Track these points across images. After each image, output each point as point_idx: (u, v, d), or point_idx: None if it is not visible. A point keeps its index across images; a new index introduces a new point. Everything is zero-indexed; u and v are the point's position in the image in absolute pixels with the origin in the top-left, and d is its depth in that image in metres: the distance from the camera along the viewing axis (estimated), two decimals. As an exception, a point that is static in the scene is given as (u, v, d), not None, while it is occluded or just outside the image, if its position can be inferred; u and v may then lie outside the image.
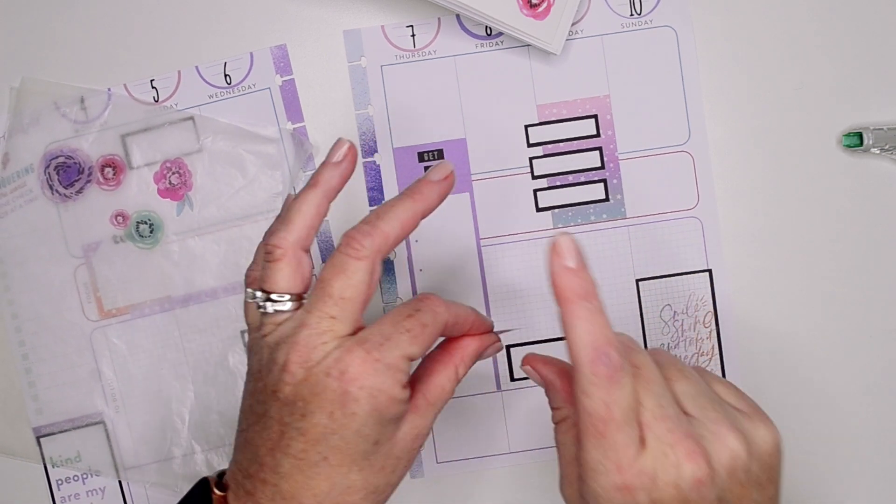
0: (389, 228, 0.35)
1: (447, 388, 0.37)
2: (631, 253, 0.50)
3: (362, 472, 0.34)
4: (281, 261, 0.35)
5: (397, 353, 0.34)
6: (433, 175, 0.37)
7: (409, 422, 0.35)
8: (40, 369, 0.49)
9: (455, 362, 0.37)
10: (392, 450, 0.35)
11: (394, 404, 0.34)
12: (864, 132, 0.48)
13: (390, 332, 0.34)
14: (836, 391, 0.50)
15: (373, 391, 0.33)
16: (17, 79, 0.49)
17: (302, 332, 0.34)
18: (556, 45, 0.47)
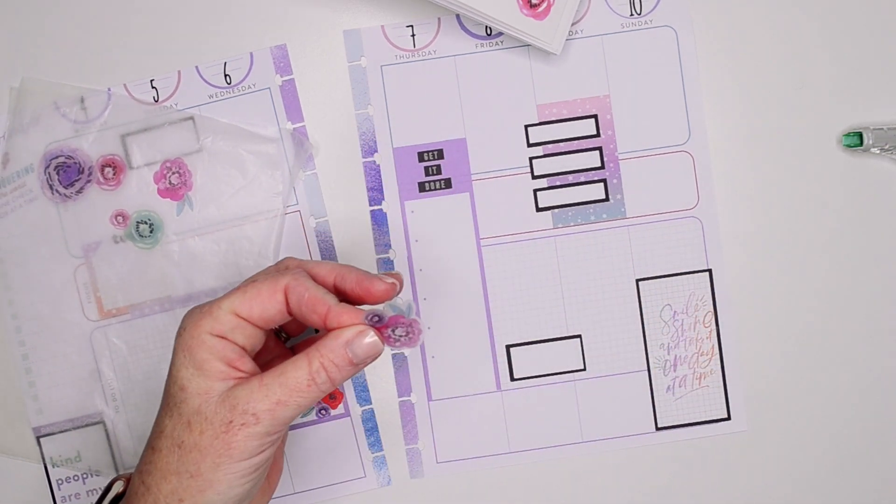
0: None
1: (289, 374, 0.36)
2: (631, 253, 0.50)
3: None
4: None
5: (215, 302, 0.37)
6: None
7: (229, 389, 0.36)
8: (40, 369, 0.49)
9: (309, 351, 0.36)
10: (202, 407, 0.36)
11: (196, 345, 0.37)
12: (864, 132, 0.48)
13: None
14: (836, 391, 0.50)
15: (181, 329, 0.38)
16: (17, 79, 0.49)
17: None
18: (556, 45, 0.47)
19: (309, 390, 0.36)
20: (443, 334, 0.50)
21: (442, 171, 0.50)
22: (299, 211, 0.50)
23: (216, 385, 0.36)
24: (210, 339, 0.36)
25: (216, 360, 0.36)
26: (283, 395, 0.35)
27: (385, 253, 0.50)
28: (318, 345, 0.36)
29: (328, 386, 0.36)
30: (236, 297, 0.37)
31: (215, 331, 0.36)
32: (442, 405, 0.50)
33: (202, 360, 0.36)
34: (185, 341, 0.36)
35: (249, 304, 0.36)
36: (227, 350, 0.36)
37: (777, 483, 0.50)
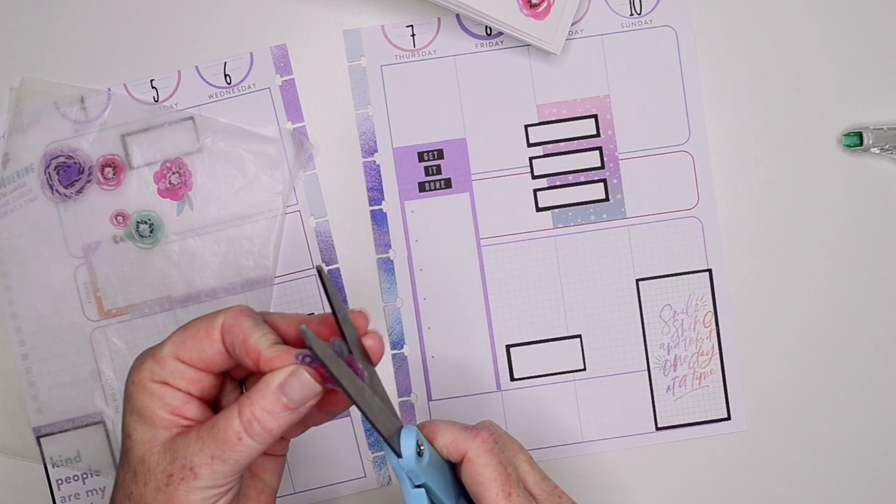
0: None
1: (221, 427, 0.32)
2: (631, 253, 0.50)
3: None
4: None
5: (157, 348, 0.34)
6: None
7: (170, 439, 0.33)
8: (40, 369, 0.49)
9: (241, 401, 0.32)
10: (145, 457, 0.33)
11: (138, 391, 0.34)
12: (864, 132, 0.48)
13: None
14: (836, 391, 0.50)
15: (128, 377, 0.35)
16: (17, 79, 0.49)
17: None
18: (556, 45, 0.47)
19: (242, 444, 0.32)
20: (443, 334, 0.50)
21: (442, 171, 0.50)
22: (299, 211, 0.50)
23: (159, 433, 0.33)
24: (151, 385, 0.33)
25: (158, 407, 0.33)
26: (216, 449, 0.32)
27: (385, 253, 0.50)
28: (250, 392, 0.32)
29: (266, 437, 0.32)
30: (176, 338, 0.34)
31: (156, 376, 0.33)
32: (442, 405, 0.50)
33: (143, 408, 0.33)
34: (129, 388, 0.34)
35: (189, 347, 0.33)
36: (169, 396, 0.33)
37: (777, 483, 0.50)
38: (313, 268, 0.49)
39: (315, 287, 0.50)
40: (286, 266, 0.50)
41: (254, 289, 0.49)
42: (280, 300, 0.50)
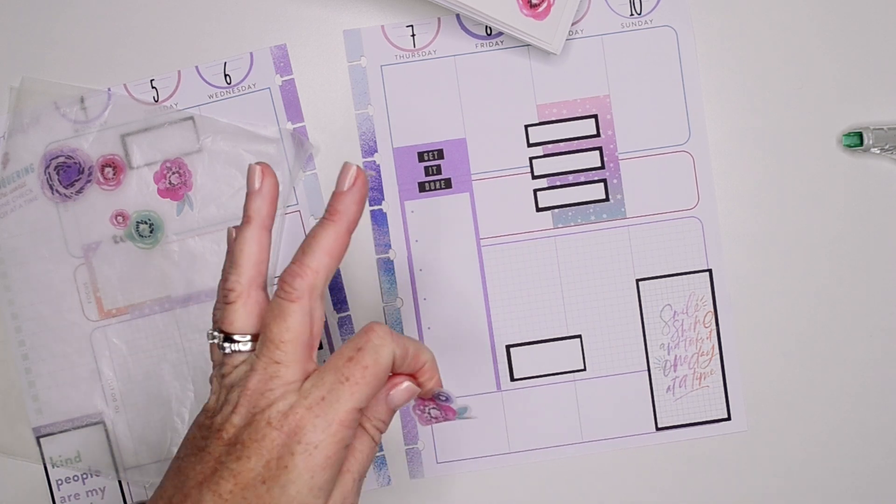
0: (317, 263, 0.35)
1: (362, 450, 0.36)
2: (631, 253, 0.50)
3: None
4: (235, 303, 0.35)
5: (339, 407, 0.34)
6: (341, 184, 0.36)
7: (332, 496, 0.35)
8: (40, 369, 0.49)
9: (363, 422, 0.36)
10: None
11: (329, 467, 0.33)
12: (864, 132, 0.48)
13: (331, 383, 0.34)
14: (836, 391, 0.50)
15: (309, 447, 0.33)
16: (17, 79, 0.49)
17: (252, 378, 0.34)
18: (556, 45, 0.47)
19: (376, 449, 0.37)
20: (443, 334, 0.50)
21: (442, 171, 0.50)
22: (299, 211, 0.50)
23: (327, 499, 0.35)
24: (342, 453, 0.35)
25: (337, 473, 0.35)
26: (363, 469, 0.36)
27: (385, 253, 0.50)
28: (367, 412, 0.36)
29: (380, 436, 0.38)
30: (360, 392, 0.34)
31: (349, 441, 0.35)
32: (442, 405, 0.50)
33: (328, 481, 0.34)
34: (317, 461, 0.34)
35: (372, 392, 0.35)
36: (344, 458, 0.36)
37: (777, 483, 0.50)
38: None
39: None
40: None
41: (254, 289, 0.49)
42: (280, 300, 0.50)
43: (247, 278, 0.36)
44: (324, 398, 0.34)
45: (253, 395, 0.34)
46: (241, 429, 0.34)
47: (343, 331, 0.50)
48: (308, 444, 0.33)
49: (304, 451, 0.33)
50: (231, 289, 0.36)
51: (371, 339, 0.35)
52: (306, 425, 0.33)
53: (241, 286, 0.35)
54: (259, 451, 0.33)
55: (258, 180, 0.37)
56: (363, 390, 0.34)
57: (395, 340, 0.35)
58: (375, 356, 0.34)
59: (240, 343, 0.35)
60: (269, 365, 0.34)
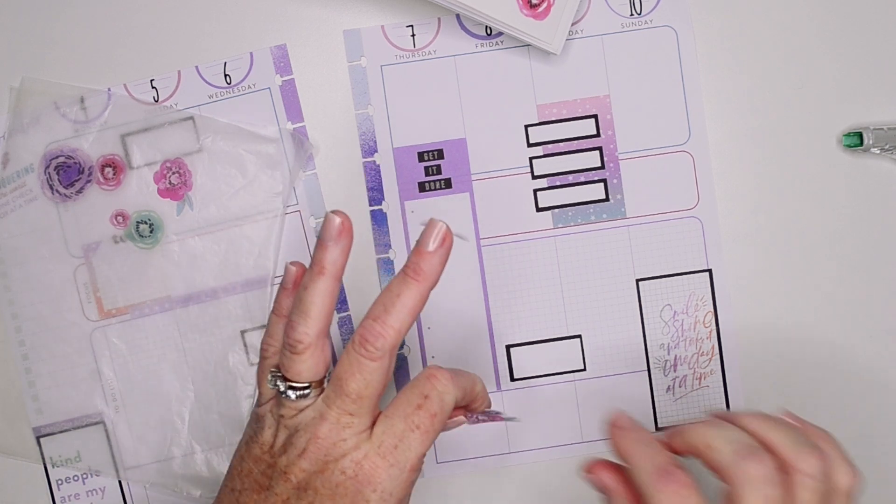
0: (399, 323, 0.35)
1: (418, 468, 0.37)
2: (631, 253, 0.50)
3: None
4: (304, 354, 0.35)
5: (410, 454, 0.35)
6: (428, 243, 0.36)
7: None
8: (40, 369, 0.49)
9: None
10: None
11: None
12: (864, 132, 0.48)
13: (402, 431, 0.35)
14: (836, 391, 0.50)
15: (384, 494, 0.34)
16: (17, 79, 0.49)
17: (322, 427, 0.35)
18: (556, 45, 0.47)
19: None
20: (443, 334, 0.50)
21: (442, 171, 0.50)
22: (299, 211, 0.50)
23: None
24: (411, 490, 0.37)
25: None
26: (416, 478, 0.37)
27: (385, 253, 0.50)
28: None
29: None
30: (429, 439, 0.36)
31: (416, 480, 0.37)
32: (442, 405, 0.50)
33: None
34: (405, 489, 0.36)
35: (437, 437, 0.37)
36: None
37: (777, 483, 0.50)
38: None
39: (315, 287, 0.50)
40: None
41: (254, 289, 0.49)
42: (280, 300, 0.50)
43: (316, 330, 0.36)
44: (396, 447, 0.34)
45: (324, 443, 0.34)
46: (312, 475, 0.34)
47: (343, 331, 0.50)
48: (384, 492, 0.34)
49: (380, 500, 0.34)
50: (300, 340, 0.35)
51: (436, 387, 0.35)
52: (381, 474, 0.34)
53: (310, 338, 0.35)
54: (333, 497, 0.34)
55: (335, 232, 0.36)
56: (431, 437, 0.35)
57: (456, 385, 0.36)
58: (441, 404, 0.35)
59: (302, 390, 0.36)
60: (343, 416, 0.35)
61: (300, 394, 0.36)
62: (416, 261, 0.36)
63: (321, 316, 0.36)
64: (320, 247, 0.36)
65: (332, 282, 0.36)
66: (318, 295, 0.36)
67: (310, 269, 0.36)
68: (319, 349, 0.36)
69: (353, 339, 0.35)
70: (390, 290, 0.35)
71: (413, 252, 0.36)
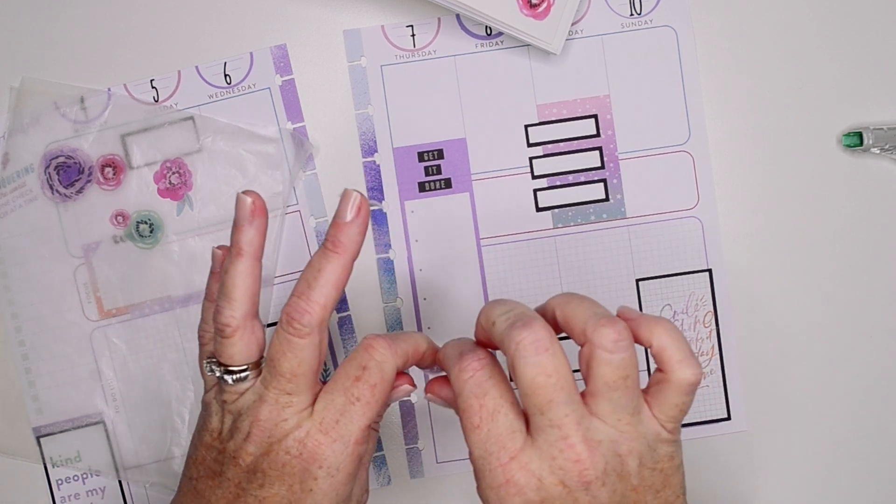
0: (324, 298, 0.35)
1: (370, 447, 0.37)
2: (631, 253, 0.50)
3: None
4: (233, 337, 0.36)
5: (353, 427, 0.34)
6: (345, 214, 0.35)
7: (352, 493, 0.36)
8: (40, 369, 0.49)
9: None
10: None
11: (351, 481, 0.35)
12: (864, 132, 0.48)
13: (343, 405, 0.34)
14: (836, 391, 0.50)
15: (330, 470, 0.34)
16: (17, 79, 0.49)
17: (263, 409, 0.35)
18: (556, 45, 0.47)
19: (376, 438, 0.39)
20: (443, 334, 0.50)
21: (442, 171, 0.50)
22: (299, 211, 0.50)
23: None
24: (362, 465, 0.37)
25: (357, 481, 0.37)
26: (368, 460, 0.38)
27: (385, 253, 0.50)
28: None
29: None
30: (371, 410, 0.35)
31: (365, 456, 0.36)
32: (442, 405, 0.50)
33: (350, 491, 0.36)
34: (340, 482, 0.35)
35: (381, 408, 0.36)
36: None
37: (777, 483, 0.50)
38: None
39: (315, 287, 0.50)
40: (286, 266, 0.50)
41: (254, 289, 0.49)
42: (280, 300, 0.50)
43: (242, 312, 0.36)
44: (338, 421, 0.34)
45: (266, 424, 0.34)
46: (259, 458, 0.34)
47: (343, 331, 0.50)
48: (330, 468, 0.34)
49: (327, 475, 0.34)
50: (228, 324, 0.35)
51: (374, 357, 0.35)
52: (325, 451, 0.34)
53: (236, 321, 0.35)
54: (281, 477, 0.34)
55: (250, 212, 0.36)
56: (374, 408, 0.35)
57: (394, 352, 0.35)
58: (381, 374, 0.35)
59: (238, 374, 0.36)
60: (281, 396, 0.34)
61: (237, 377, 0.36)
62: (335, 233, 0.35)
63: (244, 298, 0.36)
64: (236, 229, 0.36)
65: (251, 262, 0.36)
66: (238, 277, 0.36)
67: (229, 253, 0.36)
68: (249, 331, 0.36)
69: (281, 319, 0.35)
70: (312, 265, 0.35)
71: (331, 225, 0.35)
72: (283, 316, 0.35)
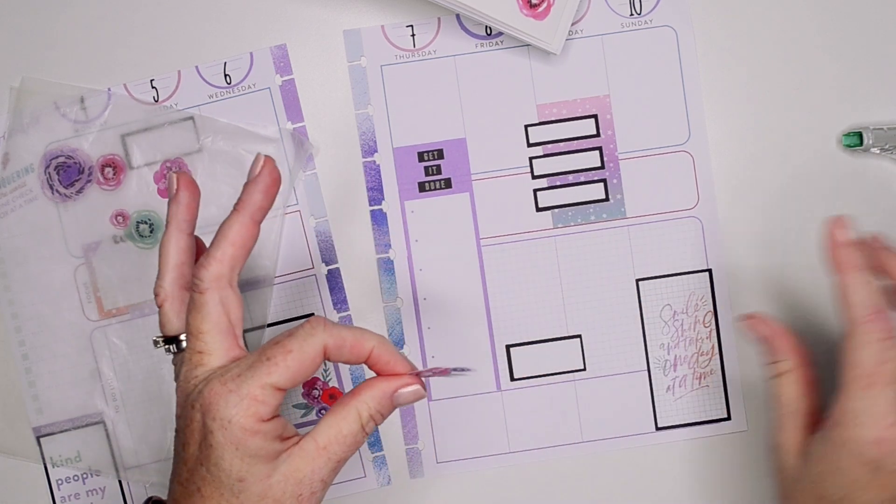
0: (221, 253, 0.35)
1: (345, 431, 0.35)
2: (631, 253, 0.50)
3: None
4: (163, 306, 0.38)
5: (252, 382, 0.34)
6: (249, 174, 0.37)
7: (287, 463, 0.34)
8: (40, 369, 0.49)
9: (356, 404, 0.35)
10: (267, 492, 0.34)
11: (250, 437, 0.33)
12: (864, 132, 0.48)
13: (252, 362, 0.34)
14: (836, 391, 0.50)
15: (223, 422, 0.33)
16: (17, 79, 0.49)
17: (182, 370, 0.36)
18: (556, 45, 0.47)
19: (363, 440, 0.36)
20: (443, 334, 0.50)
21: (442, 171, 0.50)
22: (299, 211, 0.50)
23: (276, 463, 0.34)
24: (264, 425, 0.34)
25: (271, 441, 0.34)
26: (341, 451, 0.35)
27: (385, 253, 0.50)
28: (364, 396, 0.36)
29: (372, 429, 0.37)
30: (278, 372, 0.34)
31: (266, 416, 0.34)
32: (442, 405, 0.50)
33: (258, 448, 0.34)
34: (235, 435, 0.33)
35: (293, 375, 0.34)
36: (278, 427, 0.34)
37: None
38: (313, 269, 0.49)
39: (315, 287, 0.50)
40: (286, 266, 0.50)
41: (254, 289, 0.49)
42: (280, 300, 0.50)
43: (168, 281, 0.37)
44: (240, 375, 0.34)
45: (183, 383, 0.35)
46: (180, 419, 0.35)
47: (343, 331, 0.50)
48: (222, 420, 0.33)
49: (221, 427, 0.33)
50: (157, 293, 0.38)
51: (304, 328, 0.35)
52: (219, 401, 0.33)
53: (164, 290, 0.37)
54: (192, 434, 0.34)
55: (174, 188, 0.38)
56: (281, 372, 0.34)
57: (328, 331, 0.35)
58: (302, 343, 0.34)
59: (182, 343, 0.37)
60: (194, 355, 0.35)
61: (173, 347, 0.37)
62: (241, 194, 0.37)
63: (170, 268, 0.37)
64: (169, 203, 0.38)
65: (177, 234, 0.38)
66: (165, 247, 0.38)
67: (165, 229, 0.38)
68: (178, 301, 0.37)
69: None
70: (219, 227, 0.36)
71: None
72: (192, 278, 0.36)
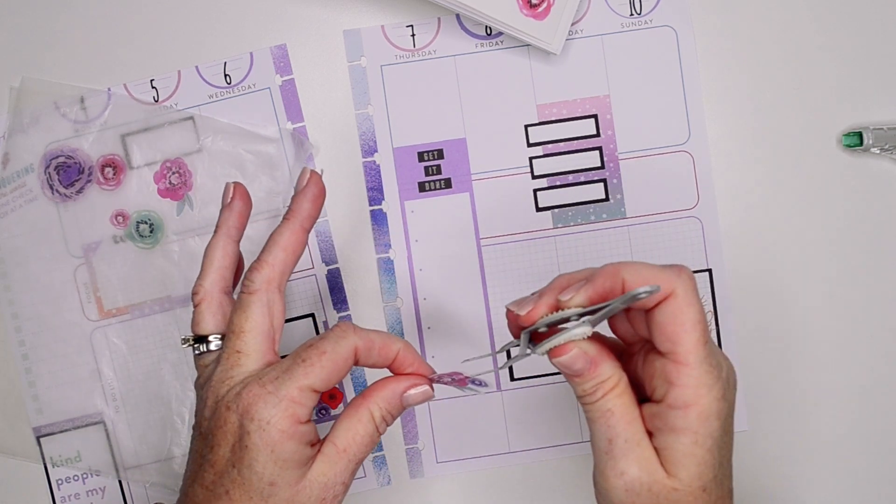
0: (272, 257, 0.37)
1: (360, 432, 0.36)
2: (631, 253, 0.50)
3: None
4: (200, 305, 0.38)
5: (290, 384, 0.34)
6: (297, 186, 0.39)
7: (315, 469, 0.35)
8: (40, 369, 0.49)
9: (369, 405, 0.36)
10: (294, 497, 0.34)
11: (287, 440, 0.34)
12: (864, 132, 0.48)
13: (289, 365, 0.35)
14: (836, 391, 0.50)
15: (262, 423, 0.34)
16: (17, 79, 0.49)
17: (217, 370, 0.36)
18: (556, 45, 0.47)
19: (377, 440, 0.37)
20: (443, 334, 0.50)
21: (442, 171, 0.50)
22: (299, 211, 0.50)
23: (304, 470, 0.35)
24: (299, 427, 0.34)
25: (303, 446, 0.34)
26: (360, 453, 0.36)
27: (385, 253, 0.50)
28: (375, 397, 0.36)
29: (385, 429, 0.37)
30: (314, 373, 0.34)
31: (304, 418, 0.34)
32: (442, 405, 0.50)
33: (293, 452, 0.34)
34: (272, 437, 0.33)
35: (328, 376, 0.35)
36: (310, 432, 0.35)
37: (777, 483, 0.50)
38: (313, 269, 0.49)
39: (315, 287, 0.50)
40: (286, 266, 0.50)
41: (254, 289, 0.49)
42: (280, 300, 0.50)
43: (209, 282, 0.38)
44: (278, 378, 0.34)
45: (216, 384, 0.35)
46: (209, 420, 0.35)
47: (343, 331, 0.50)
48: (261, 421, 0.34)
49: (259, 429, 0.34)
50: (196, 292, 0.38)
51: (334, 332, 0.36)
52: (258, 402, 0.34)
53: (203, 290, 0.38)
54: (224, 436, 0.34)
55: (228, 197, 0.40)
56: (317, 372, 0.34)
57: (358, 334, 0.36)
58: (334, 345, 0.35)
59: (207, 343, 0.38)
60: (231, 355, 0.36)
61: (204, 346, 0.38)
62: (291, 203, 0.38)
63: (212, 269, 0.38)
64: (221, 210, 0.40)
65: (225, 239, 0.39)
66: (210, 249, 0.39)
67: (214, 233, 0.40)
68: (216, 303, 0.38)
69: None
70: (270, 235, 0.38)
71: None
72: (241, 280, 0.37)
